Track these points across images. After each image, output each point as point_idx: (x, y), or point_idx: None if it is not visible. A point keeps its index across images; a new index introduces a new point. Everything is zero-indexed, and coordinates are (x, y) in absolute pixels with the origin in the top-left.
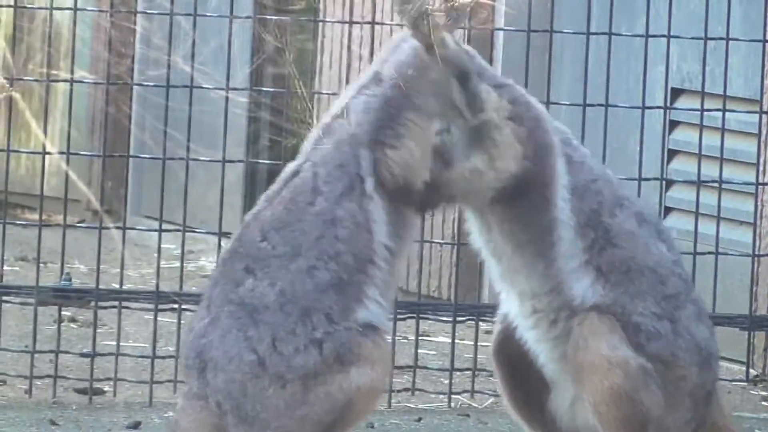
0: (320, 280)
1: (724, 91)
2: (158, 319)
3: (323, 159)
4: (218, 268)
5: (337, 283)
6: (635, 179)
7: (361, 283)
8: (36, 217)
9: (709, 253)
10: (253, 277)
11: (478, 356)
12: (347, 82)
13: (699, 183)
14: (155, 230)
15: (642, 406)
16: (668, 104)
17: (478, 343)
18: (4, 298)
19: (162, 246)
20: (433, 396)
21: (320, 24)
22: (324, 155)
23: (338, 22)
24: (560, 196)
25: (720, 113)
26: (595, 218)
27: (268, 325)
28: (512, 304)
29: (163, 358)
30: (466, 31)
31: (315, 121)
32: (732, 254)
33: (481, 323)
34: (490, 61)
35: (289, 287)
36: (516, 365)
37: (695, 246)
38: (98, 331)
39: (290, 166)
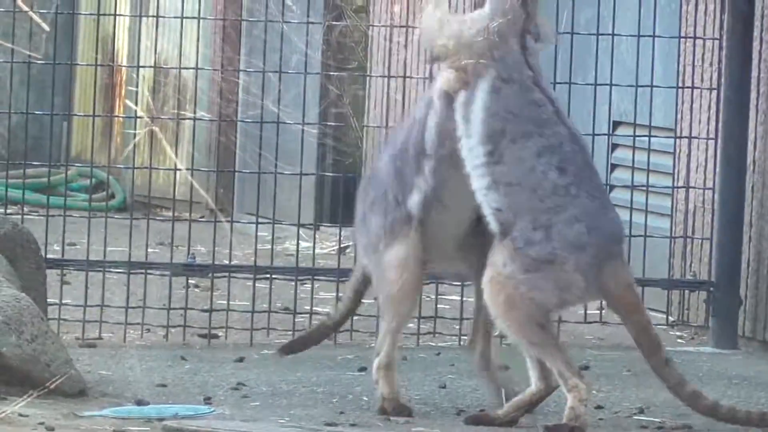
0: (396, 166)
1: (650, 122)
2: (255, 285)
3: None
4: None
5: (403, 171)
6: None
7: (412, 174)
8: (170, 214)
9: (641, 236)
10: (381, 154)
11: None
12: (387, 118)
13: (632, 187)
14: (254, 222)
15: (537, 303)
16: (611, 132)
17: None
18: (149, 271)
19: (258, 234)
20: (448, 337)
21: (368, 78)
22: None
23: (380, 76)
24: (482, 103)
25: (647, 138)
26: (497, 137)
27: (374, 190)
28: None
29: (259, 312)
30: None
31: (365, 146)
32: (656, 237)
33: None
34: None
35: (384, 169)
36: None
37: (630, 231)
38: (214, 293)
39: None
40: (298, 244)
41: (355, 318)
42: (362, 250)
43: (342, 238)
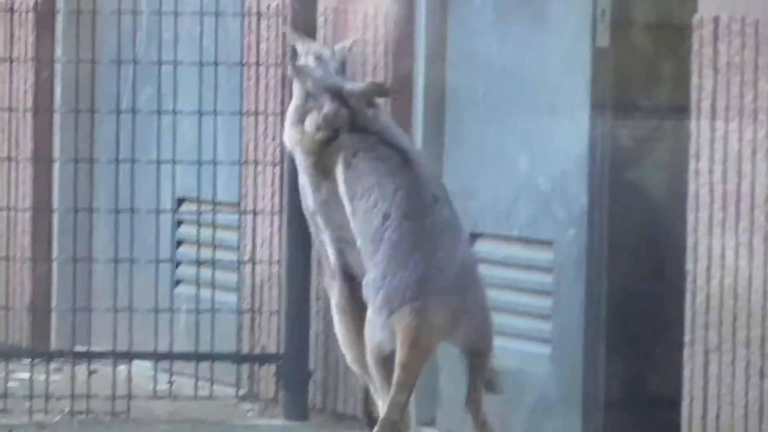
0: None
1: (214, 198)
2: None
3: None
4: None
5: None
6: (152, 261)
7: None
8: None
9: (208, 310)
10: None
11: (49, 389)
12: None
13: (198, 263)
14: None
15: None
16: (175, 209)
17: (50, 379)
18: None
19: None
20: (18, 414)
21: None
22: None
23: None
24: (340, 181)
25: (211, 214)
26: (352, 200)
27: None
28: None
29: None
30: None
31: None
32: (224, 311)
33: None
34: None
35: None
36: None
37: (197, 307)
38: None
39: None
40: None
41: None
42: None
43: None
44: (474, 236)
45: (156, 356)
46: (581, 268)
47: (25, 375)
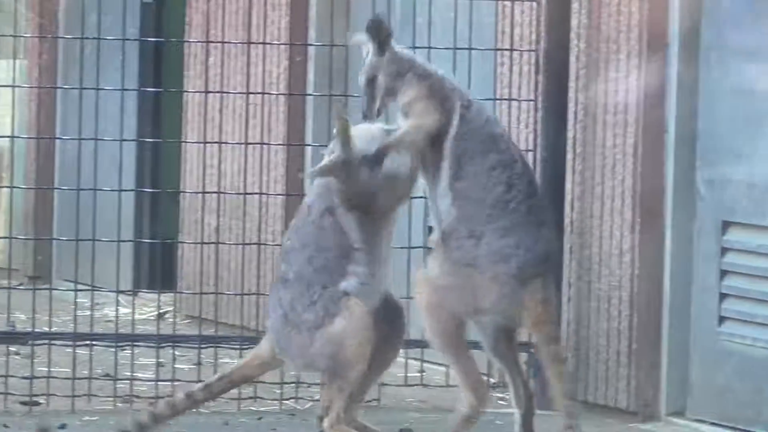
0: (317, 265)
1: None
2: (76, 351)
3: (313, 192)
4: None
5: (327, 266)
6: (404, 248)
7: (344, 265)
8: None
9: None
10: (286, 263)
11: (301, 373)
12: (204, 182)
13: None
14: (73, 290)
15: (448, 309)
16: None
17: None
18: None
19: (77, 300)
20: (269, 401)
21: (183, 143)
22: (313, 191)
23: (195, 142)
24: (449, 138)
25: None
26: (461, 159)
27: (290, 291)
28: None
29: (80, 379)
30: None
31: (181, 210)
32: None
33: None
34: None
35: (300, 269)
36: None
37: None
38: (34, 360)
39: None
40: (117, 310)
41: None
42: (296, 349)
43: (160, 304)
44: (726, 224)
45: (407, 343)
46: None
47: None
